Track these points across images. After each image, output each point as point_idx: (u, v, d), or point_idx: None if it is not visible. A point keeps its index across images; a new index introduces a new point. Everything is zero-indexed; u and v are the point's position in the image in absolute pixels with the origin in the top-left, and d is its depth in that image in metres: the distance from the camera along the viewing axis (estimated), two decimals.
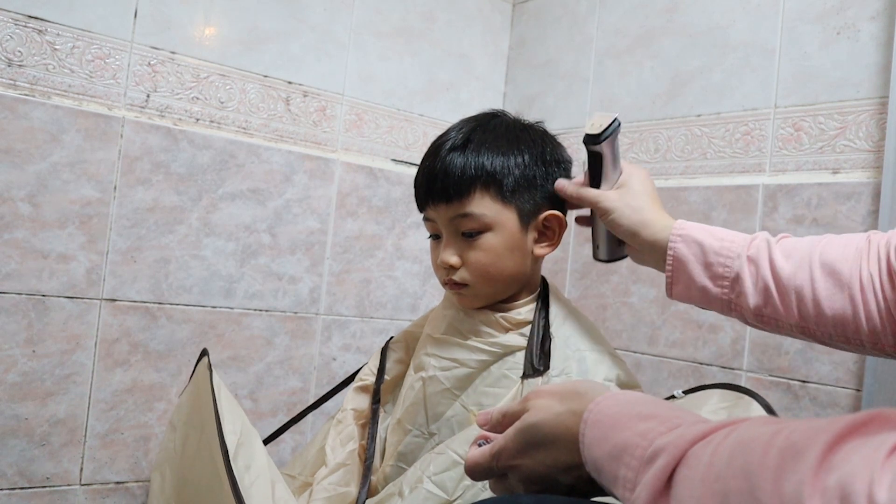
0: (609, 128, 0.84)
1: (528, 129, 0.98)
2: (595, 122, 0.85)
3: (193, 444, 0.90)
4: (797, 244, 0.79)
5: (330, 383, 1.54)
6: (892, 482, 0.32)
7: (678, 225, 0.84)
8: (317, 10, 1.57)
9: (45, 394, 1.28)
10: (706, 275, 0.81)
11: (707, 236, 0.82)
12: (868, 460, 0.33)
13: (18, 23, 1.24)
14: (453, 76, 1.80)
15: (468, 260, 0.92)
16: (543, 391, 0.59)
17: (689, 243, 0.82)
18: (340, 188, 1.61)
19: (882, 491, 0.31)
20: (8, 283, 1.24)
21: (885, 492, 0.31)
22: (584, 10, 1.73)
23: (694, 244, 0.82)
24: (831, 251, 0.75)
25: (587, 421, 0.53)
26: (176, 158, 1.39)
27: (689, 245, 0.82)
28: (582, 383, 0.60)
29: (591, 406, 0.53)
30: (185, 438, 0.94)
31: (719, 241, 0.82)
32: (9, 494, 1.25)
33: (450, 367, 0.94)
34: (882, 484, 0.32)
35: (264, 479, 0.83)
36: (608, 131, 0.84)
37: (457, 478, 0.87)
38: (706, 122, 1.46)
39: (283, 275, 1.53)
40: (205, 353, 0.98)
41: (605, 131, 0.84)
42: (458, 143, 0.94)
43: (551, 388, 0.60)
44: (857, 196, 1.22)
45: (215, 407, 0.83)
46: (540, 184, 0.94)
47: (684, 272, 0.82)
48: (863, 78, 1.24)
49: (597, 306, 1.59)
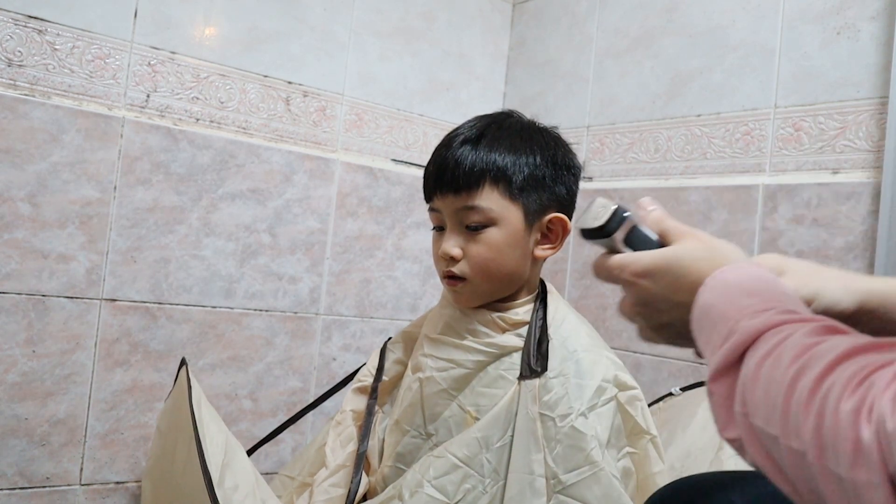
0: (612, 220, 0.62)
1: (542, 131, 0.98)
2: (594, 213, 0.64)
3: (183, 451, 0.90)
4: None
5: (330, 383, 1.54)
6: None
7: None
8: (317, 10, 1.57)
9: (45, 394, 1.28)
10: None
11: None
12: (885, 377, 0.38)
13: (18, 23, 1.24)
14: (453, 76, 1.80)
15: (469, 253, 0.92)
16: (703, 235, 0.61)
17: None
18: (340, 188, 1.61)
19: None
20: (8, 283, 1.24)
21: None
22: (584, 10, 1.73)
23: None
24: None
25: (703, 290, 0.55)
26: (176, 158, 1.39)
27: None
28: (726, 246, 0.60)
29: (708, 280, 0.56)
30: (175, 444, 0.95)
31: None
32: (9, 494, 1.26)
33: (446, 367, 0.94)
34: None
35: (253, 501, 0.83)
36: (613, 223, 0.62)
37: (457, 481, 0.87)
38: (706, 122, 1.46)
39: (283, 275, 1.53)
40: (184, 363, 0.98)
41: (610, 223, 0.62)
42: (472, 137, 0.94)
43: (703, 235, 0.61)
44: (857, 196, 1.22)
45: (196, 434, 0.83)
46: (548, 185, 0.94)
47: None
48: (863, 78, 1.24)
49: (597, 306, 1.59)
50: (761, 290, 0.53)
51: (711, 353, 0.51)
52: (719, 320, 0.52)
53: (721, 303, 0.53)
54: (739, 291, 0.53)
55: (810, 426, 0.40)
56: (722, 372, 0.49)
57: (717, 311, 0.53)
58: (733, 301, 0.52)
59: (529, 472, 0.87)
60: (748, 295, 0.52)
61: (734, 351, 0.49)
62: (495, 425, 0.89)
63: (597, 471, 0.88)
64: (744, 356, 0.48)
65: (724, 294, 0.54)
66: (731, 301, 0.53)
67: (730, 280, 0.55)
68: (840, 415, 0.38)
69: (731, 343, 0.49)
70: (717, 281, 0.55)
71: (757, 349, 0.47)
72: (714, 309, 0.53)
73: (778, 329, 0.48)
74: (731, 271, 0.56)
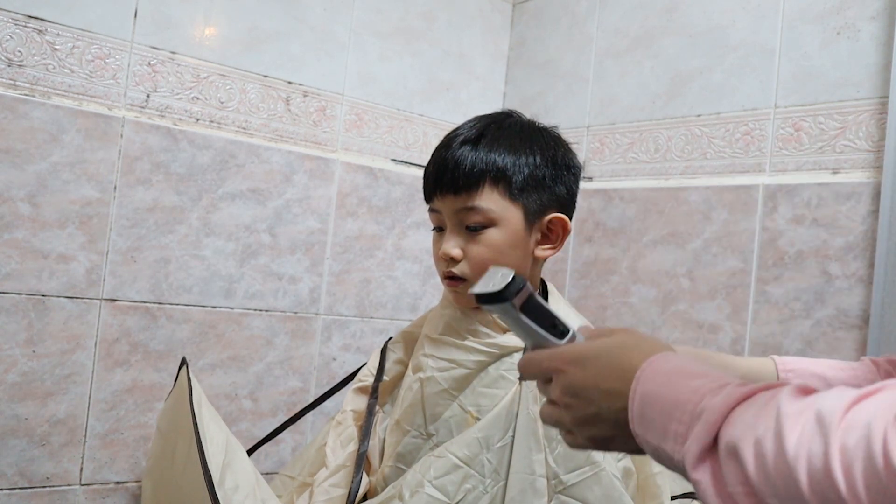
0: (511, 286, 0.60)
1: (543, 131, 0.98)
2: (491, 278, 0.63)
3: (183, 451, 0.90)
4: None
5: (330, 383, 1.54)
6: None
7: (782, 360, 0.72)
8: (317, 10, 1.57)
9: (45, 394, 1.28)
10: None
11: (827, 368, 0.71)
12: (881, 420, 0.38)
13: (18, 23, 1.24)
14: (453, 76, 1.80)
15: (469, 253, 0.92)
16: (634, 329, 0.61)
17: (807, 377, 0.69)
18: (340, 188, 1.61)
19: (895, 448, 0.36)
20: (8, 283, 1.24)
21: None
22: (584, 10, 1.73)
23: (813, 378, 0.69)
24: None
25: (639, 379, 0.54)
26: (176, 158, 1.39)
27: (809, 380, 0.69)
28: (653, 339, 0.60)
29: (645, 365, 0.55)
30: (175, 444, 0.95)
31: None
32: (9, 494, 1.26)
33: (447, 367, 0.94)
34: (894, 442, 0.36)
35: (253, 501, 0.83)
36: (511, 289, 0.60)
37: (457, 481, 0.87)
38: (706, 122, 1.46)
39: (283, 275, 1.53)
40: (184, 363, 0.98)
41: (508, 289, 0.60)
42: (472, 137, 0.94)
43: (632, 330, 0.61)
44: (857, 196, 1.22)
45: (197, 434, 0.83)
46: (548, 185, 0.94)
47: None
48: (863, 78, 1.24)
49: (597, 306, 1.59)
50: (704, 371, 0.52)
51: (679, 443, 0.49)
52: (673, 408, 0.50)
53: (668, 390, 0.51)
54: (683, 375, 0.52)
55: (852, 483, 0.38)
56: (702, 458, 0.48)
57: (666, 400, 0.51)
58: (681, 386, 0.51)
59: (530, 473, 0.87)
60: (694, 377, 0.51)
61: (709, 432, 0.47)
62: (496, 425, 0.89)
63: (598, 471, 0.88)
64: (718, 435, 0.47)
65: (667, 382, 0.52)
66: (678, 386, 0.51)
67: (667, 368, 0.53)
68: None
69: (703, 425, 0.47)
70: (653, 370, 0.54)
71: (733, 424, 0.46)
72: (662, 398, 0.52)
73: (751, 400, 0.47)
74: (663, 360, 0.54)
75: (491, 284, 0.61)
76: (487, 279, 0.62)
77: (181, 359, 1.09)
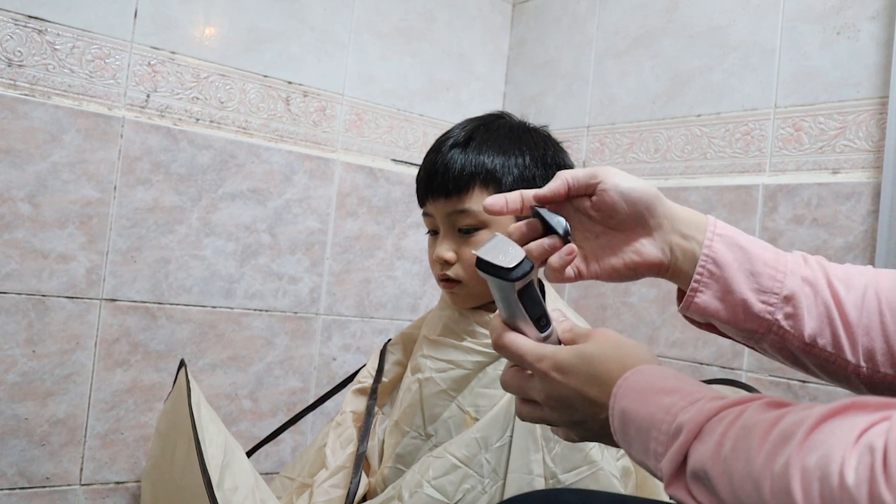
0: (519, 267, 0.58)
1: (532, 131, 0.98)
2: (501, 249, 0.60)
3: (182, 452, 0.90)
4: (850, 274, 0.67)
5: (330, 383, 1.54)
6: (857, 464, 0.37)
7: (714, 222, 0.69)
8: (317, 10, 1.57)
9: (45, 394, 1.28)
10: (749, 285, 0.64)
11: (751, 243, 0.67)
12: (842, 442, 0.38)
13: (18, 23, 1.24)
14: (453, 76, 1.80)
15: (463, 256, 0.93)
16: (610, 333, 0.60)
17: (732, 246, 0.66)
18: (340, 188, 1.61)
19: (850, 471, 0.37)
20: (8, 283, 1.24)
21: (853, 472, 0.37)
22: (584, 10, 1.73)
23: (737, 248, 0.66)
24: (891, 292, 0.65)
25: (616, 395, 0.55)
26: (176, 158, 1.40)
27: (732, 248, 0.66)
28: (632, 343, 0.60)
29: (620, 381, 0.55)
30: (174, 445, 0.95)
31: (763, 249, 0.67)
32: (9, 494, 1.26)
33: (445, 368, 0.94)
34: (850, 465, 0.37)
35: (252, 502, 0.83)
36: (519, 271, 0.58)
37: (456, 481, 0.87)
38: (706, 122, 1.46)
39: (283, 275, 1.53)
40: (182, 365, 0.99)
41: (517, 269, 0.58)
42: (461, 140, 0.94)
43: (611, 333, 0.61)
44: (857, 196, 1.22)
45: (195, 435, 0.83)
46: (539, 185, 0.94)
47: (720, 278, 0.65)
48: (863, 78, 1.24)
49: (597, 306, 1.59)
50: (677, 386, 0.53)
51: (656, 461, 0.51)
52: (649, 426, 0.52)
53: (642, 408, 0.53)
54: (656, 391, 0.53)
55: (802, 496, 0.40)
56: (677, 474, 0.49)
57: (642, 417, 0.52)
58: (653, 403, 0.52)
59: (528, 472, 0.87)
60: (667, 393, 0.52)
61: (679, 452, 0.49)
62: (494, 426, 0.89)
63: (596, 470, 0.88)
64: (688, 453, 0.48)
65: (642, 399, 0.53)
66: (651, 404, 0.52)
67: (641, 384, 0.54)
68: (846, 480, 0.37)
69: (679, 443, 0.49)
70: (628, 387, 0.54)
71: (703, 441, 0.47)
72: (638, 416, 0.53)
73: (720, 416, 0.48)
74: (638, 375, 0.55)
75: (500, 256, 0.58)
76: (496, 248, 0.59)
77: (180, 360, 1.09)
